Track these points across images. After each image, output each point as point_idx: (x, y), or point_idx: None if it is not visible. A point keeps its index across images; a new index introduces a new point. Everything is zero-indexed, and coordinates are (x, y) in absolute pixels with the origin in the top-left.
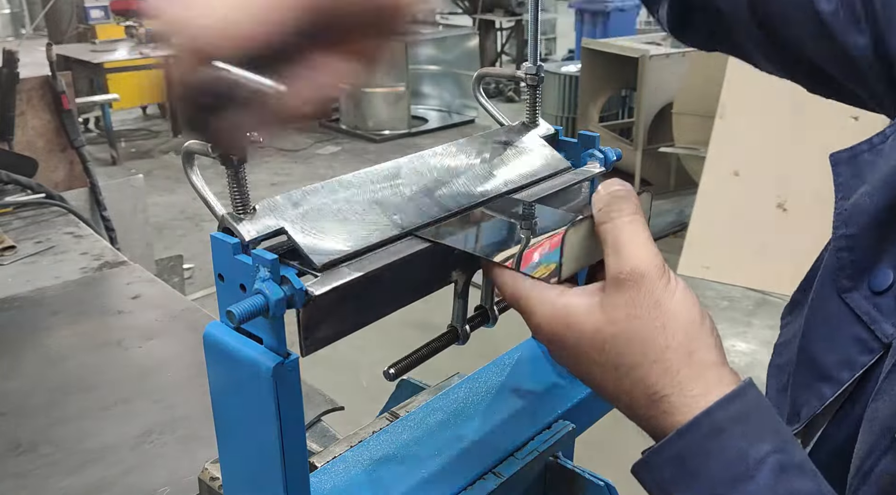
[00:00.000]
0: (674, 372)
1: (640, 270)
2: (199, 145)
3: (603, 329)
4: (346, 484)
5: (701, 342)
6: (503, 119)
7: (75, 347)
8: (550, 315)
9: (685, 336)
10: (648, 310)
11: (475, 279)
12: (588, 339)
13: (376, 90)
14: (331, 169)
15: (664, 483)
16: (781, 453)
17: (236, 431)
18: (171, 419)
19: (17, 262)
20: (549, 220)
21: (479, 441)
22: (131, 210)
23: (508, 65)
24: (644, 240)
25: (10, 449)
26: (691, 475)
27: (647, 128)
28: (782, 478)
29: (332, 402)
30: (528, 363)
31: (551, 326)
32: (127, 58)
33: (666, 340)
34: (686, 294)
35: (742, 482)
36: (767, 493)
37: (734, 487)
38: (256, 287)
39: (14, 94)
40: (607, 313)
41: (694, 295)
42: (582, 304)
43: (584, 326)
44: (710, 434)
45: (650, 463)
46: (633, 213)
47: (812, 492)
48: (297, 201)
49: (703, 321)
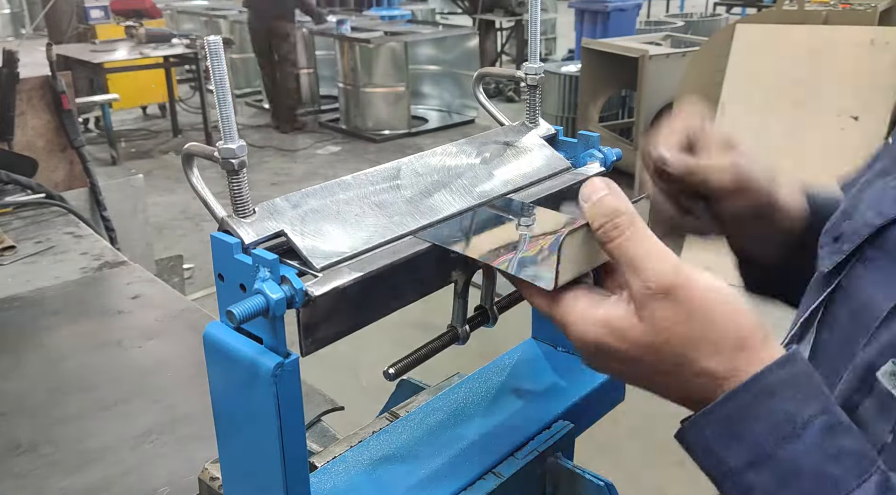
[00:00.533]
0: (732, 359)
1: (665, 283)
2: (199, 147)
3: (653, 337)
4: (346, 484)
5: (748, 328)
6: (503, 119)
7: (75, 347)
8: (593, 328)
9: (735, 326)
10: (690, 313)
11: (475, 279)
12: (642, 346)
13: (376, 90)
14: (331, 169)
15: (710, 442)
16: (828, 414)
17: (236, 431)
18: (171, 419)
19: (17, 262)
20: (549, 221)
21: (479, 441)
22: (131, 210)
23: (508, 65)
24: (657, 250)
25: (10, 449)
26: (737, 435)
27: (647, 128)
28: (829, 437)
29: (332, 402)
30: (528, 363)
31: (597, 338)
32: (127, 58)
33: (716, 334)
34: (720, 287)
35: (788, 441)
36: (815, 451)
37: (780, 446)
38: (256, 287)
39: (14, 94)
40: (650, 323)
41: (720, 279)
42: (622, 315)
43: (632, 335)
44: (760, 396)
45: (698, 423)
46: (632, 224)
47: (857, 450)
48: (296, 203)
49: (737, 302)
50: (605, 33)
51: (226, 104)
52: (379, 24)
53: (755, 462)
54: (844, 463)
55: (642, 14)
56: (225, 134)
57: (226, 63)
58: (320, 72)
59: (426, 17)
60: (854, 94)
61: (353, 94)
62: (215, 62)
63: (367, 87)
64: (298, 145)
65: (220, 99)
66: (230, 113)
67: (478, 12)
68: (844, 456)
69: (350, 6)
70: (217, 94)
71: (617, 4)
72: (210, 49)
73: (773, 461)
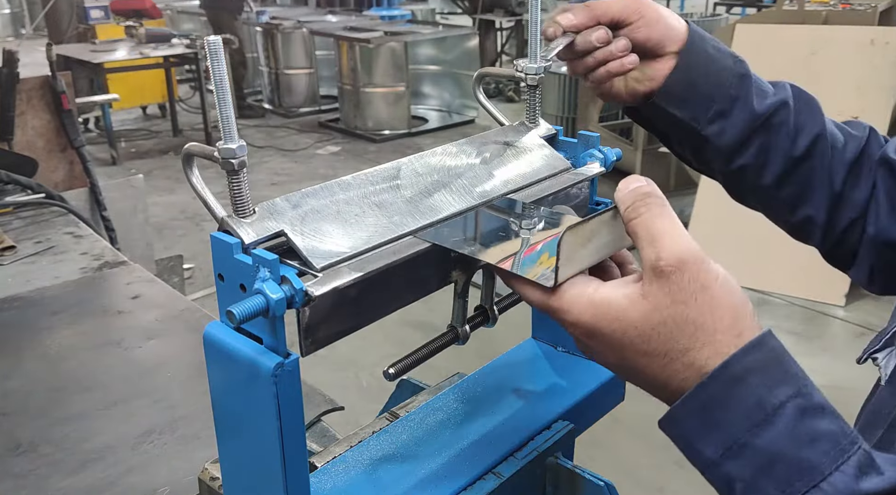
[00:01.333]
0: (724, 354)
1: (681, 257)
2: (199, 147)
3: (650, 316)
4: (346, 484)
5: (746, 322)
6: (503, 119)
7: (75, 347)
8: (590, 311)
9: (732, 318)
10: (695, 295)
11: (475, 279)
12: (634, 329)
13: (376, 90)
14: (331, 169)
15: (687, 434)
16: (801, 397)
17: (236, 431)
18: (171, 419)
19: (17, 262)
20: (549, 222)
21: (479, 441)
22: (131, 210)
23: (508, 65)
24: (679, 230)
25: (10, 449)
26: (713, 425)
27: None
28: (802, 421)
29: (332, 402)
30: (528, 363)
31: (592, 320)
32: (127, 58)
33: (714, 323)
34: (728, 277)
35: (761, 428)
36: (787, 436)
37: (754, 433)
38: (256, 287)
39: (14, 94)
40: (652, 302)
41: (734, 279)
42: (622, 295)
43: (629, 316)
44: (729, 384)
45: (675, 416)
46: (662, 206)
47: (833, 431)
48: (296, 203)
49: (745, 303)
50: None
51: (226, 104)
52: (379, 24)
53: (731, 451)
54: (821, 447)
55: None
56: (225, 134)
57: (225, 63)
58: (320, 72)
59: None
60: (854, 94)
61: (353, 94)
62: (215, 62)
63: (367, 87)
64: (298, 145)
65: (219, 99)
66: (230, 113)
67: (478, 12)
68: (821, 439)
69: (350, 6)
70: (217, 94)
71: None
72: (210, 49)
73: (749, 449)
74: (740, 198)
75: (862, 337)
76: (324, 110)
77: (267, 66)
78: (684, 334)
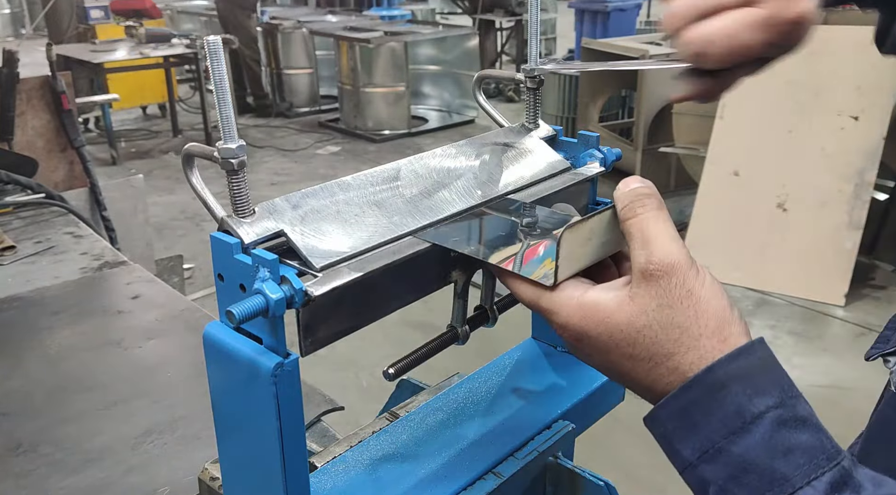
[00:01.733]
0: (708, 359)
1: (670, 262)
2: (199, 147)
3: (635, 320)
4: (346, 484)
5: (732, 328)
6: (503, 121)
7: (75, 347)
8: (578, 312)
9: (717, 323)
10: (681, 300)
11: (475, 279)
12: (620, 332)
13: (376, 90)
14: (331, 169)
15: (668, 434)
16: (783, 408)
17: (236, 431)
18: (171, 419)
19: (16, 262)
20: (549, 221)
21: (479, 441)
22: (131, 210)
23: (508, 65)
24: (672, 234)
25: (10, 449)
26: (692, 428)
27: (647, 128)
28: (779, 432)
29: (332, 402)
30: (528, 363)
31: (580, 323)
32: (127, 58)
33: (699, 328)
34: (714, 283)
35: (738, 435)
36: (762, 446)
37: (731, 440)
38: (256, 287)
39: (14, 94)
40: (638, 304)
41: (721, 284)
42: (610, 298)
43: (615, 319)
44: (711, 389)
45: (657, 416)
46: (658, 209)
47: (811, 445)
48: (296, 203)
49: (732, 308)
50: (605, 33)
51: (225, 104)
52: (379, 24)
53: (707, 455)
54: (794, 460)
55: (642, 14)
56: (225, 134)
57: (225, 63)
58: (320, 72)
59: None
60: (854, 94)
61: (353, 94)
62: (215, 62)
63: (367, 87)
64: (298, 145)
65: (219, 99)
66: (230, 113)
67: (478, 12)
68: (795, 451)
69: (350, 6)
70: (217, 94)
71: (617, 4)
72: (210, 49)
73: (724, 455)
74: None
75: (862, 337)
76: (324, 110)
77: (267, 66)
78: (669, 338)
